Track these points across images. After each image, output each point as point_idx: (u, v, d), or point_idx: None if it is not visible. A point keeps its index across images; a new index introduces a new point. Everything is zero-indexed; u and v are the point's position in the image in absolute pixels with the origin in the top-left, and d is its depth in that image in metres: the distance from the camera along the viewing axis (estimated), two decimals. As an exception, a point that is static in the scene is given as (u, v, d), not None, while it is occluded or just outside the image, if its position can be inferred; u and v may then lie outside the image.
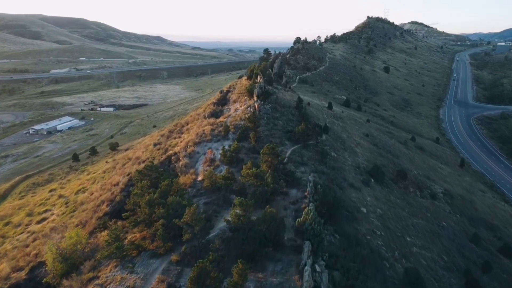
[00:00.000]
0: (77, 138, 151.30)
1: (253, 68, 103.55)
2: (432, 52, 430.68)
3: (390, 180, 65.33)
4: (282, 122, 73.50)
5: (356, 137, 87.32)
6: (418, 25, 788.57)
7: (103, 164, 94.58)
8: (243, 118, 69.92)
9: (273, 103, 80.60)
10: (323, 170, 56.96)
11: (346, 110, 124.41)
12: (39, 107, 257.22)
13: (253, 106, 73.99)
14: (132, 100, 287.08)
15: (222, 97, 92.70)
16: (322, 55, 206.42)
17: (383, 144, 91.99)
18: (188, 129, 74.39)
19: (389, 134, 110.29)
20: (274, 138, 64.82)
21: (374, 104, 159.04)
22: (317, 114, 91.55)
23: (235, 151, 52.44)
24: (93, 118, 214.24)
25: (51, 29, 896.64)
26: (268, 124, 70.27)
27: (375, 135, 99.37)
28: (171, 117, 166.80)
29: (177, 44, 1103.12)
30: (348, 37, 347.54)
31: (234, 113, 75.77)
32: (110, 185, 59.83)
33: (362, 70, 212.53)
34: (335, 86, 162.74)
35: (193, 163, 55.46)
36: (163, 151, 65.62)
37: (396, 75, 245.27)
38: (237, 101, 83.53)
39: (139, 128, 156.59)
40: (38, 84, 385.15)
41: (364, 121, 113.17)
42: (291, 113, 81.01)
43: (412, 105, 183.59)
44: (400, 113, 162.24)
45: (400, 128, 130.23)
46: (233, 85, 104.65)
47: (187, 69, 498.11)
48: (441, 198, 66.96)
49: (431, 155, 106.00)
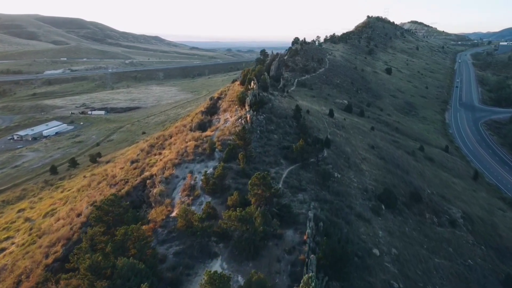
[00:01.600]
0: (62, 145, 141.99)
1: (246, 73, 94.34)
2: (434, 52, 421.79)
3: (402, 205, 56.25)
4: (278, 135, 64.40)
5: (361, 150, 78.20)
6: (418, 24, 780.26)
7: (80, 179, 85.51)
8: (232, 132, 60.80)
9: (268, 113, 71.54)
10: (326, 197, 47.93)
11: (349, 117, 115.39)
12: (28, 110, 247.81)
13: (244, 117, 64.88)
14: (126, 102, 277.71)
15: (211, 105, 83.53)
16: (321, 56, 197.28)
17: (390, 157, 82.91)
18: (171, 143, 65.28)
19: (395, 143, 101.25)
20: (268, 157, 55.76)
21: (377, 108, 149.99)
22: (317, 124, 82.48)
23: (219, 177, 43.31)
24: (82, 122, 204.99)
25: (47, 29, 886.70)
26: (261, 139, 61.17)
27: (381, 146, 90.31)
28: (162, 123, 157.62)
29: (175, 44, 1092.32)
30: (348, 37, 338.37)
31: (223, 125, 66.67)
32: (74, 214, 50.71)
33: (363, 72, 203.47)
34: (336, 89, 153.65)
35: (170, 191, 46.32)
36: (140, 172, 56.46)
37: (399, 76, 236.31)
38: (228, 110, 74.44)
39: (128, 134, 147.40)
40: (31, 85, 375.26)
41: (368, 129, 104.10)
42: (288, 124, 71.91)
43: (417, 109, 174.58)
44: (404, 118, 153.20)
45: (406, 136, 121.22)
46: (225, 90, 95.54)
47: (184, 70, 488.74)
48: (461, 225, 57.90)
49: (442, 166, 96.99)
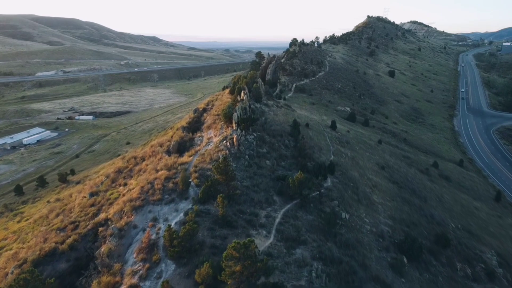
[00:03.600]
0: (39, 157, 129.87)
1: (237, 80, 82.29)
2: (436, 53, 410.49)
3: (428, 253, 44.51)
4: (271, 161, 52.52)
5: (371, 172, 66.43)
6: (418, 24, 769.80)
7: (43, 205, 73.59)
8: (214, 158, 48.99)
9: (260, 131, 59.66)
10: (332, 252, 36.22)
11: (353, 128, 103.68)
12: (13, 115, 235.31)
13: (230, 138, 53.01)
14: (117, 106, 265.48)
15: (195, 119, 71.58)
16: (321, 59, 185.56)
17: (403, 179, 71.16)
18: (141, 170, 53.52)
19: (406, 159, 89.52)
20: (257, 193, 43.98)
21: (382, 116, 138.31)
22: (318, 141, 70.66)
23: (187, 234, 31.49)
24: (68, 128, 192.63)
25: (42, 29, 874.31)
26: (250, 166, 49.32)
27: (392, 165, 78.55)
28: (149, 131, 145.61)
29: (172, 44, 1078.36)
30: (348, 38, 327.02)
31: (204, 147, 54.81)
32: (3, 273, 38.83)
33: (365, 75, 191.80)
34: (337, 95, 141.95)
35: (124, 249, 34.47)
36: (95, 211, 44.59)
37: (402, 79, 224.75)
38: (212, 127, 62.55)
39: (111, 144, 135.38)
40: (21, 88, 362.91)
41: (375, 143, 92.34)
42: (284, 144, 60.08)
43: (423, 115, 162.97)
44: (411, 126, 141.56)
45: (415, 148, 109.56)
46: (213, 100, 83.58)
47: (179, 71, 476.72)
48: (500, 277, 46.19)
49: (459, 186, 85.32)
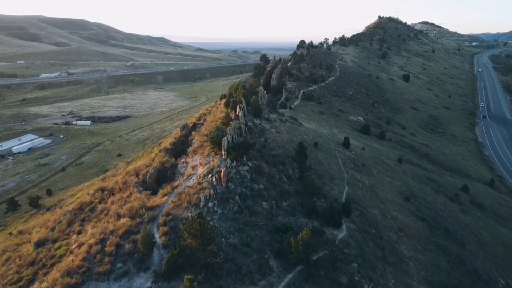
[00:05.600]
0: (22, 169, 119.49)
1: (234, 89, 70.17)
2: (450, 55, 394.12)
3: None
4: (269, 203, 40.42)
5: (394, 207, 54.02)
6: (429, 25, 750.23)
7: (4, 237, 62.57)
8: (193, 203, 37.21)
9: (257, 158, 47.69)
10: None
11: (368, 142, 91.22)
12: (9, 119, 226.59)
13: (217, 171, 41.16)
14: (117, 110, 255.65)
15: (181, 138, 59.74)
16: (331, 62, 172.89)
17: (433, 213, 58.63)
18: (104, 211, 42.06)
19: (431, 182, 76.73)
20: (247, 256, 32.03)
21: (398, 126, 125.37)
22: (329, 166, 58.46)
23: None
24: (62, 135, 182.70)
25: (50, 30, 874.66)
26: (241, 213, 37.34)
27: (416, 192, 65.98)
28: (144, 141, 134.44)
29: (180, 45, 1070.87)
30: (359, 39, 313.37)
31: (184, 182, 43.00)
32: None
33: (378, 80, 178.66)
34: (349, 102, 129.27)
35: None
36: (30, 279, 33.07)
37: (417, 84, 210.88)
38: (198, 151, 50.71)
39: (102, 156, 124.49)
40: (23, 90, 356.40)
41: (395, 163, 79.73)
42: (286, 174, 48.03)
43: (443, 124, 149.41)
44: (431, 137, 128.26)
45: (439, 165, 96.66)
46: (205, 113, 71.79)
47: (185, 73, 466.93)
48: None
49: (495, 216, 72.40)
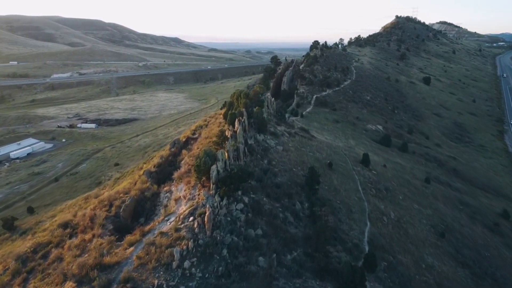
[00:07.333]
0: (15, 178, 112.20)
1: (237, 97, 60.20)
2: (472, 56, 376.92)
3: None
4: (268, 258, 30.32)
5: (428, 250, 43.36)
6: (448, 25, 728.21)
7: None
8: (164, 262, 27.48)
9: (256, 190, 37.76)
10: None
11: (388, 156, 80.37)
12: (14, 121, 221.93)
13: (201, 213, 31.39)
14: (124, 112, 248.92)
15: (170, 158, 50.13)
16: (346, 64, 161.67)
17: (474, 253, 47.72)
18: (56, 261, 32.89)
19: (465, 207, 65.54)
20: None
21: (421, 135, 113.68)
22: (346, 194, 48.11)
23: None
24: (65, 139, 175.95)
25: (65, 31, 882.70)
26: (228, 277, 27.34)
27: (451, 223, 55.00)
28: (145, 148, 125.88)
29: (194, 45, 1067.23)
30: (376, 40, 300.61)
31: (158, 226, 33.35)
32: None
33: (398, 83, 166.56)
34: (366, 109, 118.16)
35: None
36: None
37: (439, 87, 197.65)
38: (184, 178, 40.93)
39: (99, 165, 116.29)
40: (33, 90, 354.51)
41: (422, 183, 68.71)
42: (292, 212, 37.92)
43: (469, 132, 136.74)
44: (458, 147, 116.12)
45: (469, 182, 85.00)
46: (202, 125, 62.07)
47: (196, 74, 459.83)
48: None
49: (544, 250, 60.69)
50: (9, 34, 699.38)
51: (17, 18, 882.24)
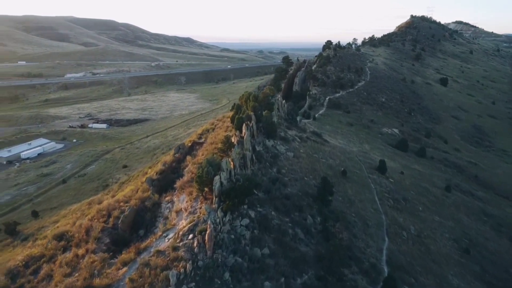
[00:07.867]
0: (23, 179, 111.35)
1: (245, 99, 57.18)
2: (490, 56, 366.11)
3: None
4: (276, 282, 27.17)
5: (452, 270, 39.55)
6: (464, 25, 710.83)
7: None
8: (157, 287, 24.52)
9: (264, 203, 34.60)
10: None
11: (406, 162, 76.31)
12: (26, 121, 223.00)
13: (201, 230, 28.37)
14: (135, 112, 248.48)
15: (173, 165, 47.37)
16: (360, 65, 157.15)
17: (503, 273, 43.61)
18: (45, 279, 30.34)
19: (489, 219, 61.17)
20: None
21: (439, 139, 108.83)
22: (362, 206, 44.58)
23: None
24: (75, 139, 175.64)
25: (78, 31, 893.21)
26: (230, 305, 24.32)
27: (475, 237, 50.93)
28: (154, 150, 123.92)
29: (206, 45, 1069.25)
30: (390, 40, 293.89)
31: (155, 243, 30.48)
32: None
33: (413, 84, 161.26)
34: (381, 111, 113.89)
35: None
36: None
37: (456, 88, 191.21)
38: (186, 188, 38.03)
39: (107, 166, 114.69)
40: (46, 90, 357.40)
41: (442, 192, 64.57)
42: (303, 227, 34.64)
43: (489, 135, 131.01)
44: (478, 152, 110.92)
45: (492, 190, 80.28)
46: (209, 129, 59.19)
47: (208, 74, 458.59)
48: None
49: None
50: (24, 34, 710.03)
51: (32, 18, 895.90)
